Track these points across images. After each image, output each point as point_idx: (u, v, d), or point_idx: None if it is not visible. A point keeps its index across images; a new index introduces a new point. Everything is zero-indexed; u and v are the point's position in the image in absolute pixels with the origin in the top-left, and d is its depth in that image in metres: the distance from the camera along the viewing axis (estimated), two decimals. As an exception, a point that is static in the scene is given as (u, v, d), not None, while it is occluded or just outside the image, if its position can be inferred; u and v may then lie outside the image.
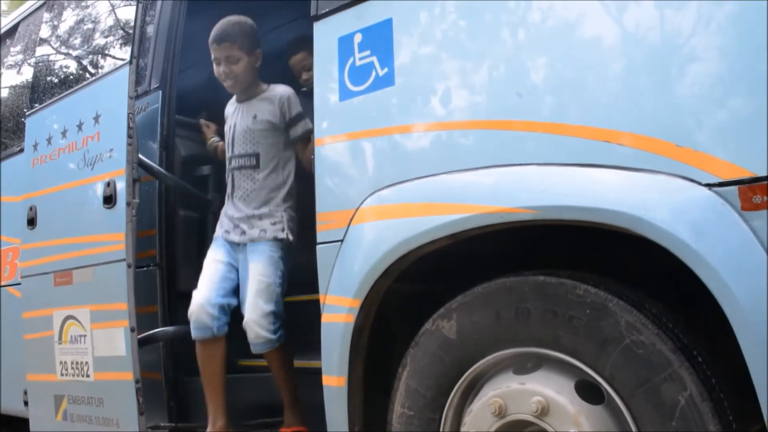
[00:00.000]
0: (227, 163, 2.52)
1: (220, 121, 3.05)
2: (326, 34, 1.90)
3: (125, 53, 2.66)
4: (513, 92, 1.53)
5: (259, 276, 2.30)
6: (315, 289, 1.87)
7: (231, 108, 2.58)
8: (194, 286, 2.57)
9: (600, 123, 1.39)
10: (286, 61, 3.04)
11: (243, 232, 2.41)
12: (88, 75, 2.90)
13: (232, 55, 2.43)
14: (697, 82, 1.29)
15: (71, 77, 3.00)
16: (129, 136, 2.39)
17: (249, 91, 2.51)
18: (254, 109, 2.47)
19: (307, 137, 2.38)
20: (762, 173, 1.18)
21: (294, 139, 2.45)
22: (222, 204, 2.83)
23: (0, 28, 4.12)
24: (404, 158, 1.71)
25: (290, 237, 2.37)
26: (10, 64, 3.94)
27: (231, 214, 2.47)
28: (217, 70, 2.48)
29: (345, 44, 1.84)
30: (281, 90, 2.49)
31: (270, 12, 3.43)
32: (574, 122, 1.43)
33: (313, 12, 1.94)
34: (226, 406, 2.36)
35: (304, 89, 3.04)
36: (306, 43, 2.99)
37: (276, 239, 2.36)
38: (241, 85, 2.49)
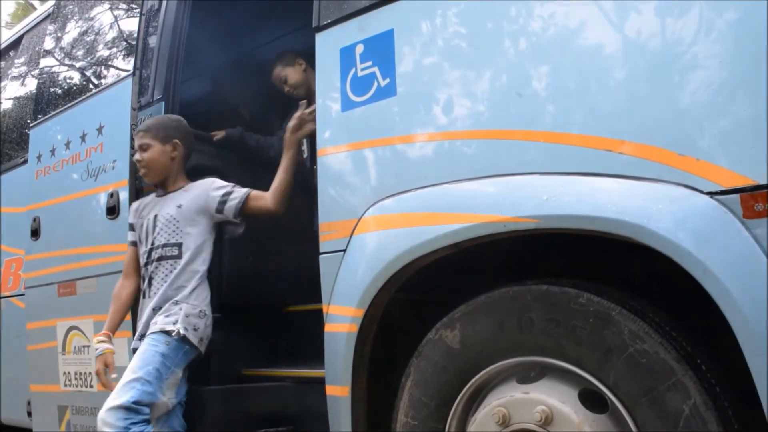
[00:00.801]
0: (143, 257, 2.36)
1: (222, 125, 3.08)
2: (328, 45, 1.91)
3: (128, 64, 2.68)
4: (514, 102, 1.54)
5: (128, 371, 2.12)
6: (316, 299, 1.87)
7: (149, 204, 2.42)
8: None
9: (602, 132, 1.39)
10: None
11: (142, 336, 2.25)
12: (91, 86, 2.91)
13: (143, 143, 2.34)
14: (698, 90, 1.29)
15: (75, 89, 3.02)
16: (132, 147, 2.40)
17: (170, 184, 2.40)
18: (177, 199, 2.36)
19: (247, 202, 2.31)
20: (763, 181, 1.19)
21: (235, 213, 2.32)
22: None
23: (4, 41, 4.15)
24: (406, 168, 1.71)
25: (181, 331, 2.17)
26: (14, 76, 3.96)
27: (143, 311, 2.31)
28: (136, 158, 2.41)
29: (347, 55, 1.85)
30: (204, 180, 2.40)
31: (271, 23, 3.46)
32: (576, 131, 1.43)
33: (314, 23, 1.95)
34: None
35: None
36: (278, 57, 3.00)
37: (163, 332, 2.18)
38: (154, 174, 2.38)
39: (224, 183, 2.36)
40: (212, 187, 2.34)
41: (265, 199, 2.30)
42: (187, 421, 2.49)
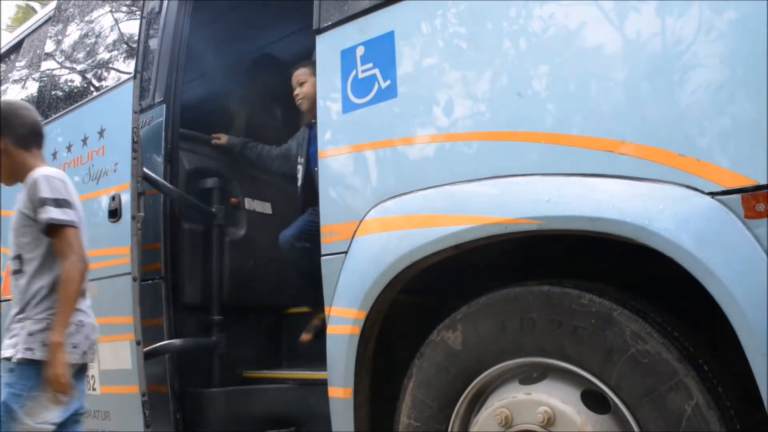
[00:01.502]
0: None
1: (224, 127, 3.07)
2: (329, 47, 1.91)
3: (129, 67, 2.68)
4: (515, 103, 1.54)
5: None
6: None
7: None
8: (200, 298, 2.57)
9: (602, 133, 1.39)
10: (287, 72, 3.05)
11: None
12: (92, 89, 2.92)
13: None
14: (698, 91, 1.29)
15: (76, 92, 3.02)
16: (134, 150, 2.40)
17: (22, 179, 2.07)
18: (18, 202, 2.05)
19: (50, 229, 1.94)
20: (764, 181, 1.19)
21: (41, 231, 1.96)
22: (226, 216, 2.84)
23: (6, 44, 4.16)
24: (408, 169, 1.71)
25: (18, 356, 1.88)
26: (16, 79, 3.96)
27: None
28: None
29: (347, 57, 1.85)
30: (35, 172, 2.01)
31: (271, 25, 3.46)
32: (577, 132, 1.43)
33: (315, 25, 1.95)
34: None
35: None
36: (311, 60, 2.96)
37: (5, 359, 1.92)
38: (3, 178, 2.14)
39: (39, 190, 1.96)
40: (31, 192, 1.98)
41: (59, 252, 1.97)
42: (189, 424, 2.50)
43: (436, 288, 1.80)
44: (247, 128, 3.37)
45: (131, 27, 2.84)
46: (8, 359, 1.91)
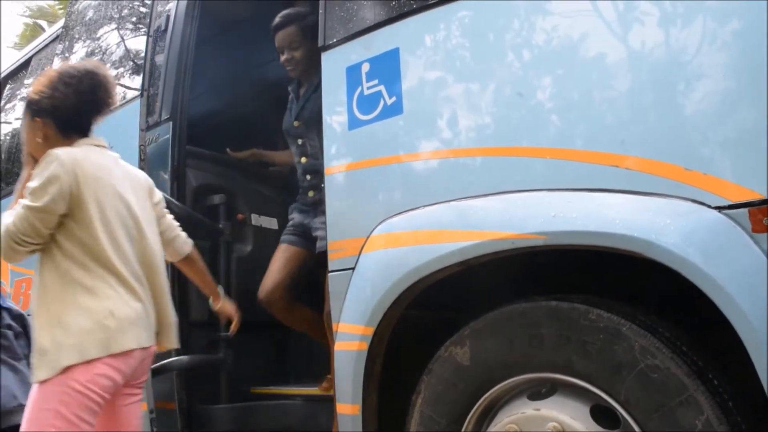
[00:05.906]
0: None
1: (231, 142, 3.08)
2: (334, 64, 1.92)
3: (136, 83, 2.70)
4: (520, 118, 1.54)
5: None
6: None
7: None
8: (207, 314, 2.57)
9: (608, 148, 1.40)
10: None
11: None
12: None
13: None
14: (704, 106, 1.30)
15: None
16: (140, 168, 2.42)
17: None
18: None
19: None
20: (771, 195, 1.19)
21: None
22: (233, 233, 2.84)
23: (14, 62, 4.20)
24: (414, 185, 1.72)
25: None
26: (24, 97, 3.99)
27: None
28: None
29: (353, 74, 1.86)
30: None
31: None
32: (582, 147, 1.44)
33: (320, 42, 1.96)
34: None
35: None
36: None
37: None
38: None
39: None
40: None
41: None
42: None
43: (444, 303, 1.80)
44: (254, 143, 3.38)
45: (138, 44, 2.86)
46: None
